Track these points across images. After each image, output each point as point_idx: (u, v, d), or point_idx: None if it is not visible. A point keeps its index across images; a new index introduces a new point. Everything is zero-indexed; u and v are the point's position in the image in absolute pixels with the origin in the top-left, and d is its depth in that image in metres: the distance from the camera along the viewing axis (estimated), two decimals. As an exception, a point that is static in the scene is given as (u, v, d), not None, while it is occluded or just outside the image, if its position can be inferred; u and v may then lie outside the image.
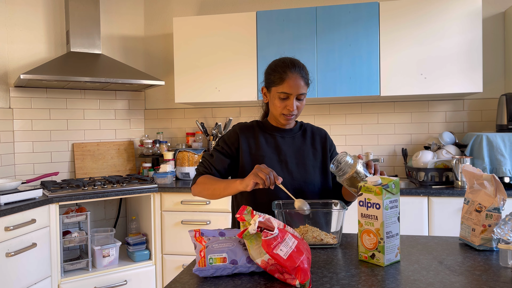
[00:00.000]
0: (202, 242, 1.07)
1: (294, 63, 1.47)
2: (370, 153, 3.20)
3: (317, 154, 1.58)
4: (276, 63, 1.50)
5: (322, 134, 1.63)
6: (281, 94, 1.45)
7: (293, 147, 1.56)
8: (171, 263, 2.88)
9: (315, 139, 1.60)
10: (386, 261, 1.08)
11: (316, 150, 1.58)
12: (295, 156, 1.54)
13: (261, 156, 1.51)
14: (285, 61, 1.48)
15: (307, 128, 1.62)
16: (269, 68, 1.52)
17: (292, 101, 1.45)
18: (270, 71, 1.50)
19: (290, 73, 1.44)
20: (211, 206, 2.81)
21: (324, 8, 2.89)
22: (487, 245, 1.20)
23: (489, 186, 1.22)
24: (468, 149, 2.71)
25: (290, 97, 1.45)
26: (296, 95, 1.45)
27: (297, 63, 1.47)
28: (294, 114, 1.48)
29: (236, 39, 3.02)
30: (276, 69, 1.47)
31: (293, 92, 1.44)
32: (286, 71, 1.44)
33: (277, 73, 1.46)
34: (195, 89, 3.10)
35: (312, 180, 1.53)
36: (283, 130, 1.57)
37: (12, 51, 3.01)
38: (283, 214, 1.28)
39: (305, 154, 1.56)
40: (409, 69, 2.79)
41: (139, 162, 3.55)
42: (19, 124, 3.04)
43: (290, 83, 1.43)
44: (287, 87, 1.43)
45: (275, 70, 1.47)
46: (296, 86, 1.43)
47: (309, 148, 1.57)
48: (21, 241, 2.28)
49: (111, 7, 3.43)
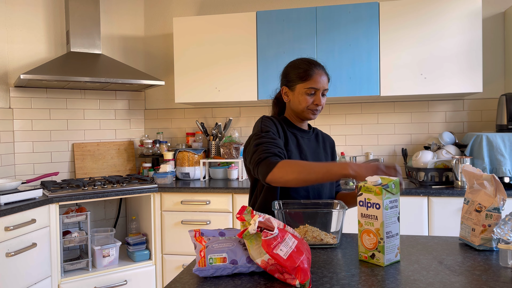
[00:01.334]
0: (202, 242, 1.07)
1: (317, 61, 1.54)
2: (370, 153, 3.21)
3: (328, 158, 1.63)
4: (299, 62, 1.54)
5: (331, 141, 1.70)
6: (308, 90, 1.49)
7: (311, 148, 1.59)
8: (171, 263, 2.88)
9: (326, 144, 1.66)
10: (386, 261, 1.08)
11: (327, 154, 1.64)
12: (313, 157, 1.57)
13: (289, 151, 1.51)
14: (308, 60, 1.54)
15: (318, 132, 1.68)
16: (291, 67, 1.55)
17: (319, 95, 1.50)
18: (293, 69, 1.53)
19: (316, 70, 1.51)
20: (211, 206, 2.81)
21: (324, 8, 2.89)
22: (487, 245, 1.20)
23: (489, 186, 1.22)
24: (468, 149, 2.71)
25: (317, 92, 1.50)
26: (322, 90, 1.51)
27: (316, 61, 1.55)
28: (319, 109, 1.53)
29: (236, 39, 3.02)
30: (301, 66, 1.52)
31: (320, 87, 1.50)
32: (312, 67, 1.51)
33: (303, 70, 1.50)
34: (195, 89, 3.10)
35: (327, 183, 1.56)
36: (302, 130, 1.60)
37: (12, 51, 3.01)
38: (283, 214, 1.28)
39: (320, 156, 1.60)
40: (409, 69, 2.79)
41: (139, 162, 3.55)
42: (19, 124, 3.04)
43: (317, 78, 1.49)
44: (315, 82, 1.49)
45: (300, 67, 1.52)
46: (323, 81, 1.51)
47: (322, 152, 1.62)
48: (21, 241, 2.28)
49: (111, 7, 3.43)
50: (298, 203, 1.39)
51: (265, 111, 3.40)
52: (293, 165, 1.30)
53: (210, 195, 2.81)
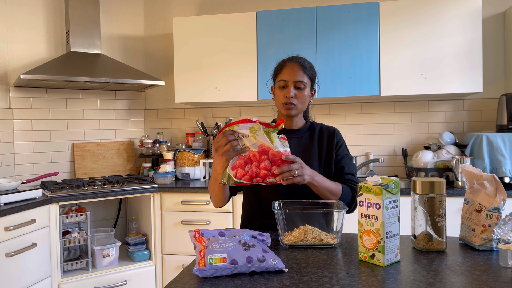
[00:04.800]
0: (202, 242, 1.07)
1: (298, 56, 1.55)
2: (370, 153, 3.21)
3: (322, 152, 1.57)
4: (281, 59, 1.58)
5: (331, 131, 1.61)
6: (280, 83, 1.51)
7: (299, 147, 1.56)
8: (171, 263, 2.88)
9: (322, 138, 1.59)
10: (386, 261, 1.08)
11: (322, 148, 1.58)
12: (302, 156, 1.54)
13: None
14: (290, 56, 1.57)
15: (316, 128, 1.62)
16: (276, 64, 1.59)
17: (289, 88, 1.49)
18: (275, 65, 1.58)
19: (289, 62, 1.52)
20: (211, 206, 2.81)
21: (324, 8, 2.89)
22: (487, 245, 1.20)
23: (489, 186, 1.21)
24: (468, 149, 2.71)
25: (287, 84, 1.50)
26: (293, 83, 1.49)
27: (298, 56, 1.56)
28: (293, 103, 1.50)
29: (236, 39, 3.02)
30: (279, 61, 1.56)
31: (289, 79, 1.49)
32: (285, 61, 1.54)
33: (279, 65, 1.55)
34: (195, 89, 3.10)
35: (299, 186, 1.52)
36: (290, 130, 1.58)
37: (12, 51, 3.01)
38: (283, 214, 1.28)
39: (311, 154, 1.56)
40: (409, 69, 2.79)
41: (139, 162, 3.55)
42: (19, 124, 3.04)
43: (287, 70, 1.51)
44: (285, 74, 1.50)
45: (278, 62, 1.56)
46: (294, 73, 1.49)
47: (316, 148, 1.57)
48: (21, 241, 2.28)
49: (111, 7, 3.43)
50: (298, 203, 1.39)
51: (265, 111, 3.40)
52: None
53: (210, 195, 2.80)
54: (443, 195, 1.18)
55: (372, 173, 3.21)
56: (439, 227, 1.18)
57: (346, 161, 1.58)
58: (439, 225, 1.18)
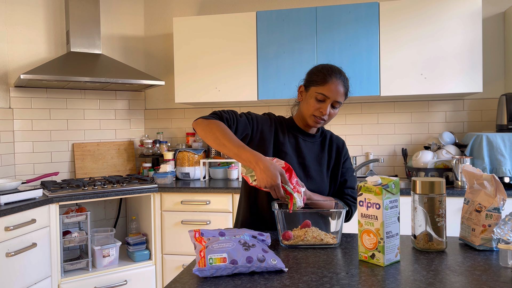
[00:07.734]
0: (202, 242, 1.07)
1: (341, 72, 1.49)
2: (370, 153, 3.21)
3: (331, 162, 1.59)
4: (323, 66, 1.51)
5: (340, 143, 1.63)
6: (318, 95, 1.45)
7: (313, 153, 1.56)
8: (171, 263, 2.88)
9: (332, 148, 1.60)
10: (386, 261, 1.08)
11: (331, 158, 1.59)
12: (314, 162, 1.54)
13: (284, 152, 1.51)
14: (332, 67, 1.50)
15: (327, 135, 1.63)
16: (315, 68, 1.52)
17: (327, 105, 1.45)
18: (315, 71, 1.50)
19: (335, 78, 1.45)
20: (211, 206, 2.81)
21: (324, 8, 2.89)
22: (487, 245, 1.20)
23: (489, 186, 1.22)
24: (468, 149, 2.71)
25: (326, 100, 1.45)
26: (332, 101, 1.45)
27: (343, 73, 1.50)
28: (324, 119, 1.48)
29: (236, 39, 3.02)
30: (322, 70, 1.48)
31: (331, 96, 1.44)
32: (331, 74, 1.46)
33: (322, 74, 1.46)
34: (195, 89, 3.10)
35: (325, 188, 1.55)
36: (307, 134, 1.57)
37: (12, 51, 3.01)
38: (282, 214, 1.28)
39: (322, 161, 1.56)
40: (409, 69, 2.79)
41: (139, 162, 3.55)
42: (19, 124, 3.04)
43: (331, 87, 1.44)
44: (327, 90, 1.44)
45: (321, 71, 1.48)
46: (336, 91, 1.44)
47: (326, 156, 1.58)
48: (21, 241, 2.28)
49: (111, 7, 3.43)
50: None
51: (264, 111, 3.39)
52: (218, 130, 1.35)
53: (210, 195, 2.81)
54: (443, 195, 1.18)
55: (372, 173, 3.21)
56: (439, 227, 1.18)
57: (349, 174, 1.61)
58: (439, 225, 1.18)
